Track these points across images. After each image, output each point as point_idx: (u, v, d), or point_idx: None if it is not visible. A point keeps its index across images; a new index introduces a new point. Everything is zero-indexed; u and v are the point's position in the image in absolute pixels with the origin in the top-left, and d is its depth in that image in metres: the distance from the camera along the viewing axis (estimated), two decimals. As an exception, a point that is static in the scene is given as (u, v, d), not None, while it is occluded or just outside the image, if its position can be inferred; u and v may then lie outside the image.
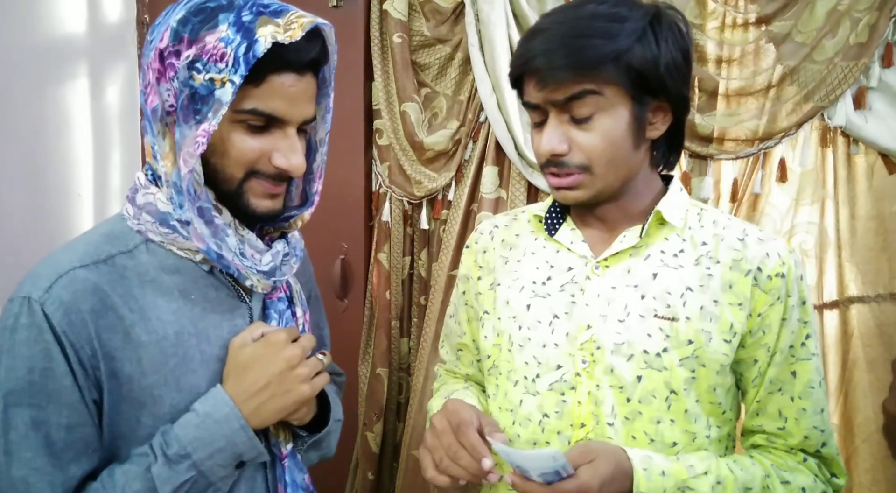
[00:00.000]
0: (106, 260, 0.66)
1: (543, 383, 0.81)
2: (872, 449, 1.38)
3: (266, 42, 0.62)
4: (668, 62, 0.75)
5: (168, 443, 0.65)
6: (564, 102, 0.75)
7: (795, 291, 0.79)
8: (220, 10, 0.63)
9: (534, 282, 0.85)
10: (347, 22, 1.61)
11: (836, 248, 1.39)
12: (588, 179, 0.77)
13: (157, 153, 0.67)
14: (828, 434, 0.80)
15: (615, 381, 0.78)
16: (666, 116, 0.79)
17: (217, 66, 0.62)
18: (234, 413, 0.67)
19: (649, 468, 0.73)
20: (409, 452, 1.61)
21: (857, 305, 1.40)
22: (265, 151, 0.67)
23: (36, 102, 1.66)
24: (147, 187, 0.69)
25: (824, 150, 1.39)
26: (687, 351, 0.77)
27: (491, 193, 1.54)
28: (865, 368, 1.39)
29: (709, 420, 0.79)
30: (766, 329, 0.78)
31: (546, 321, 0.82)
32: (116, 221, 0.71)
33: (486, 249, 0.94)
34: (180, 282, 0.69)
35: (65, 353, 0.62)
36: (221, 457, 0.66)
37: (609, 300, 0.80)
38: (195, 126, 0.63)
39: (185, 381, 0.68)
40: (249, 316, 0.74)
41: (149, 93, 0.66)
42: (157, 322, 0.67)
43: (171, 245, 0.69)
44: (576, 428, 0.80)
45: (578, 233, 0.85)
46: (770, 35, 1.37)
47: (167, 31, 0.64)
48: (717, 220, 0.83)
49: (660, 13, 0.76)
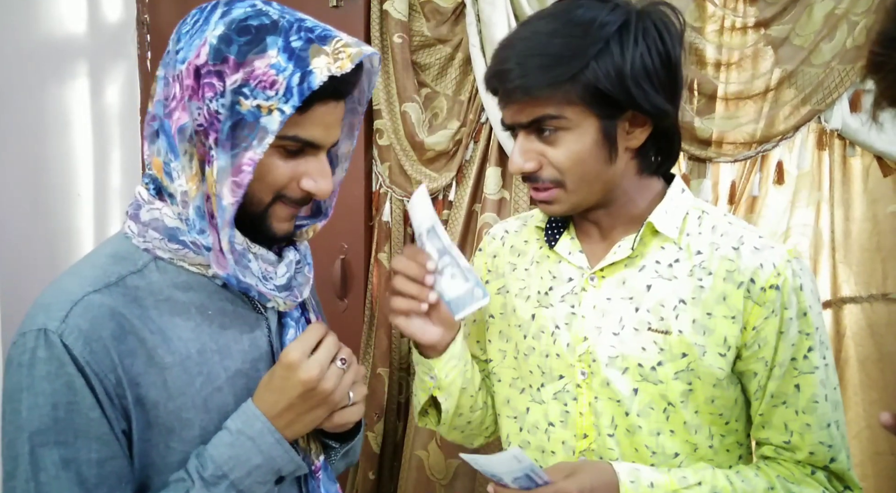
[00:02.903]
0: (117, 282, 0.63)
1: (548, 392, 0.82)
2: (862, 445, 1.41)
3: (322, 75, 0.60)
4: (637, 71, 0.71)
5: (203, 465, 0.63)
6: (528, 123, 0.75)
7: (794, 302, 0.75)
8: (266, 32, 0.61)
9: (538, 292, 0.85)
10: (347, 22, 1.60)
11: (830, 249, 1.41)
12: (562, 194, 0.76)
13: (177, 172, 0.64)
14: (836, 449, 0.76)
15: (612, 394, 0.78)
16: (645, 125, 0.75)
17: (266, 93, 0.60)
18: (268, 427, 0.64)
19: (637, 481, 0.72)
20: (412, 452, 1.63)
21: (849, 305, 1.42)
22: (296, 176, 0.66)
23: (36, 101, 1.65)
24: (151, 202, 0.66)
25: (821, 152, 1.41)
26: (681, 364, 0.76)
27: (494, 194, 1.55)
28: (856, 367, 1.42)
29: (710, 430, 0.78)
30: (761, 343, 0.75)
31: (549, 332, 0.82)
32: (120, 240, 0.68)
33: (496, 253, 0.93)
34: (195, 298, 0.67)
35: (90, 384, 0.59)
36: (259, 474, 0.64)
37: (604, 312, 0.79)
38: (242, 153, 0.61)
39: (213, 401, 0.66)
40: (267, 327, 0.72)
41: (174, 108, 0.63)
42: (179, 342, 0.64)
43: (182, 261, 0.66)
44: (579, 439, 0.80)
45: (577, 243, 0.83)
46: (768, 39, 1.38)
47: (204, 47, 0.60)
48: (716, 225, 0.79)
49: (629, 19, 0.72)
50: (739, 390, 0.79)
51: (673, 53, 0.73)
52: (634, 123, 0.75)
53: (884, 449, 1.40)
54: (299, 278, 0.73)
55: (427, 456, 1.63)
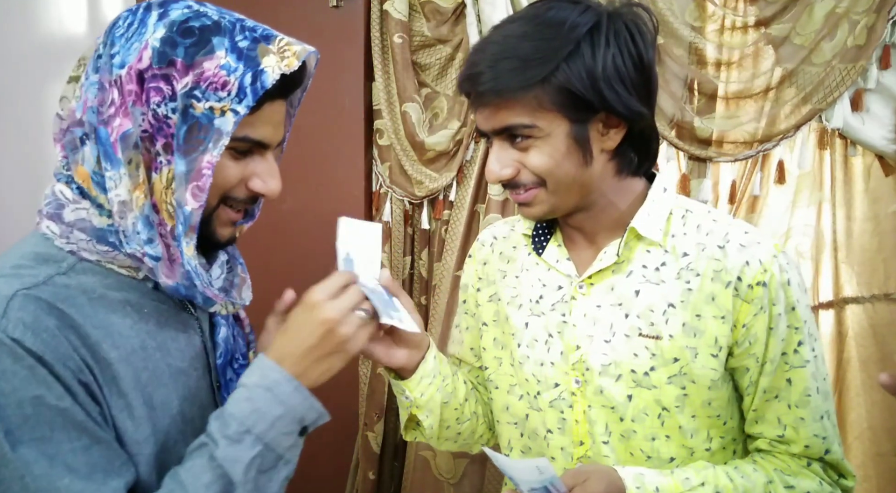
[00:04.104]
0: (46, 282, 0.59)
1: (545, 399, 0.82)
2: (864, 446, 1.41)
3: (274, 74, 0.60)
4: (609, 74, 0.70)
5: (226, 424, 0.61)
6: (501, 130, 0.74)
7: (781, 298, 0.75)
8: (211, 33, 0.60)
9: (530, 300, 0.84)
10: (347, 22, 1.60)
11: (832, 249, 1.41)
12: (543, 194, 0.76)
13: (114, 182, 0.60)
14: (830, 440, 0.77)
15: (606, 401, 0.78)
16: (619, 126, 0.75)
17: (218, 95, 0.59)
18: (284, 376, 0.63)
19: (642, 486, 0.72)
20: (416, 453, 1.62)
21: (851, 305, 1.42)
22: (244, 177, 0.65)
23: (36, 101, 1.65)
24: (77, 202, 0.62)
25: (822, 152, 1.40)
26: (674, 369, 0.76)
27: (499, 195, 1.55)
28: (858, 367, 1.41)
29: (709, 433, 0.78)
30: (752, 340, 0.75)
31: (542, 340, 0.82)
32: (38, 241, 0.63)
33: (486, 260, 0.93)
34: (129, 297, 0.64)
35: (54, 373, 0.56)
36: (283, 424, 0.63)
37: (595, 320, 0.79)
38: (200, 157, 0.60)
39: (157, 397, 0.64)
40: (199, 327, 0.71)
41: (113, 115, 0.60)
42: (120, 338, 0.62)
43: (111, 263, 0.63)
44: (576, 445, 0.80)
45: (564, 250, 0.83)
46: (769, 38, 1.38)
47: (147, 51, 0.59)
48: (701, 224, 0.79)
49: (600, 21, 0.71)
50: (731, 388, 0.79)
51: (645, 55, 0.73)
52: (608, 125, 0.74)
53: (886, 450, 1.39)
54: (234, 279, 0.72)
55: (433, 456, 1.62)
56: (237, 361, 0.75)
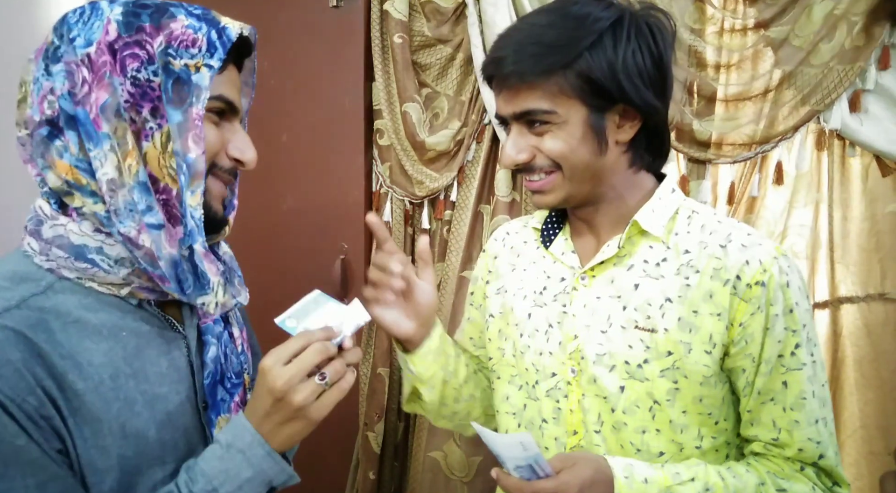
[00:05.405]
0: (19, 305, 0.58)
1: (542, 389, 0.84)
2: (857, 445, 1.42)
3: (235, 29, 0.63)
4: (629, 67, 0.73)
5: (193, 479, 0.62)
6: (521, 114, 0.77)
7: (779, 299, 0.75)
8: (166, 5, 0.62)
9: (534, 291, 0.87)
10: (347, 22, 1.60)
11: (828, 249, 1.42)
12: (559, 180, 0.78)
13: (100, 161, 0.59)
14: (825, 445, 0.77)
15: (599, 391, 0.80)
16: (635, 120, 0.77)
17: (190, 52, 0.60)
18: (258, 440, 0.63)
19: (631, 476, 0.73)
20: (424, 454, 1.63)
21: (846, 305, 1.43)
22: (223, 143, 0.66)
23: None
24: (55, 218, 0.62)
25: (820, 153, 1.41)
26: (667, 362, 0.77)
27: (505, 197, 1.56)
28: (853, 366, 1.43)
29: (700, 431, 0.79)
30: (748, 339, 0.76)
31: (542, 330, 0.85)
32: (18, 259, 0.63)
33: (497, 254, 0.96)
34: (107, 320, 0.63)
35: (8, 412, 0.55)
36: (251, 487, 0.63)
37: (594, 311, 0.81)
38: (189, 109, 0.60)
39: (131, 426, 0.62)
40: (186, 346, 0.70)
41: (87, 92, 0.59)
42: (90, 368, 0.60)
43: (91, 281, 0.62)
44: (569, 435, 0.82)
45: (570, 243, 0.86)
46: (768, 40, 1.38)
47: (111, 25, 0.60)
48: (705, 224, 0.80)
49: (623, 17, 0.75)
50: (728, 389, 0.80)
51: (664, 55, 0.76)
52: (625, 117, 0.77)
53: (878, 449, 1.41)
54: (234, 280, 0.72)
55: (444, 456, 1.63)
56: (230, 380, 0.73)
